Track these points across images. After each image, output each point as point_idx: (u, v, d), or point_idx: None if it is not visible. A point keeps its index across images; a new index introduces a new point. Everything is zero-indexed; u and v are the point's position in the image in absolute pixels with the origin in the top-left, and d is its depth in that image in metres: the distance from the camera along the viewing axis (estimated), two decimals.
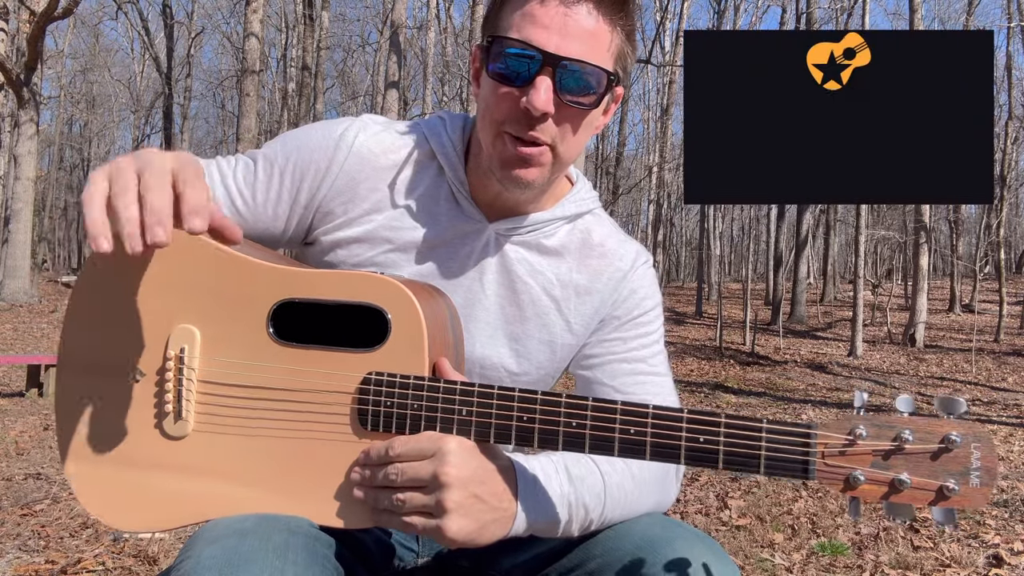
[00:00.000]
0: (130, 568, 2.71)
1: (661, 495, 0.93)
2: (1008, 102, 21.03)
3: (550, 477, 0.83)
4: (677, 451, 0.74)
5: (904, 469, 0.72)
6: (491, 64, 0.87)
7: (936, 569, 2.87)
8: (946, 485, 0.70)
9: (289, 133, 1.01)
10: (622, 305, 1.02)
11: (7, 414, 5.80)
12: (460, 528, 0.75)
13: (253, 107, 12.29)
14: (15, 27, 16.39)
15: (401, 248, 0.97)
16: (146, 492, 0.84)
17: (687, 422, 0.74)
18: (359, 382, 0.80)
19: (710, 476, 4.42)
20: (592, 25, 0.85)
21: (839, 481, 0.72)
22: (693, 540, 0.82)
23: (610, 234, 1.04)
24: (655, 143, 24.97)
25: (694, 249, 32.55)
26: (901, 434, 0.71)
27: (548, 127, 0.87)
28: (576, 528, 0.85)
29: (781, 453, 0.73)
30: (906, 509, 0.72)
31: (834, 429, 0.73)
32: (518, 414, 0.77)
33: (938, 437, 0.71)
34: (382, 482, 0.77)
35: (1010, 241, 34.15)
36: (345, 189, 0.96)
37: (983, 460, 0.71)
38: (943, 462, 0.71)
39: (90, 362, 0.87)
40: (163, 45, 26.03)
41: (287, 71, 25.72)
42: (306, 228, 1.00)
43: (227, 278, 0.84)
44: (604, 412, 0.76)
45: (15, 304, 15.00)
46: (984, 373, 10.14)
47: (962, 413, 0.72)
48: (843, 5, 17.60)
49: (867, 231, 14.53)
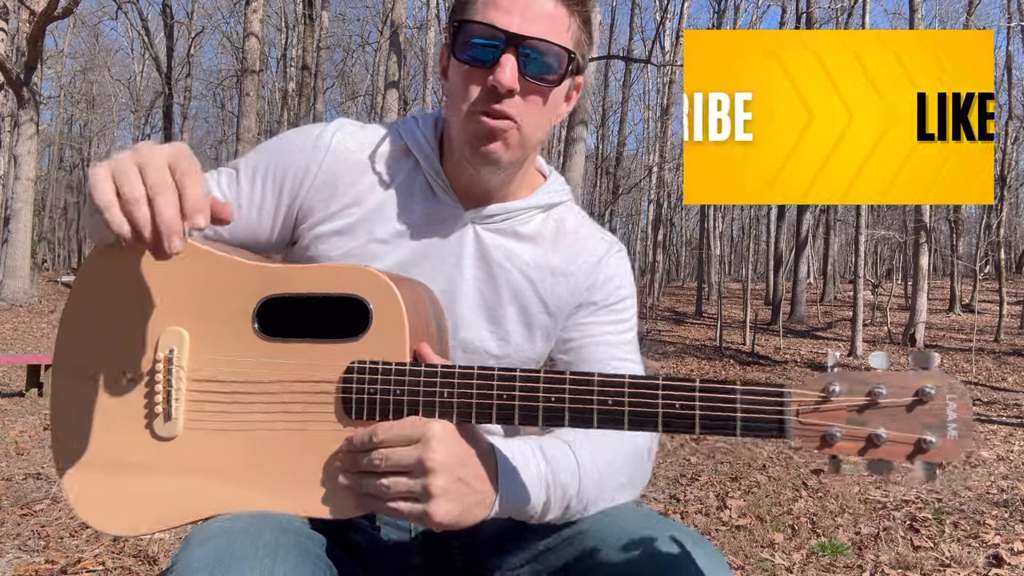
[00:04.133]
0: (130, 568, 2.71)
1: (634, 472, 0.95)
2: (1008, 102, 21.03)
3: (528, 459, 0.85)
4: (655, 418, 0.75)
5: (880, 424, 0.71)
6: (458, 50, 0.93)
7: (936, 569, 2.87)
8: (923, 438, 0.70)
9: (269, 140, 1.05)
10: (599, 291, 1.05)
11: (7, 414, 5.80)
12: (447, 512, 0.77)
13: (253, 107, 12.29)
14: (15, 27, 16.38)
15: (381, 239, 1.00)
16: (139, 495, 0.85)
17: (663, 388, 0.75)
18: (343, 371, 0.81)
19: (710, 476, 4.42)
20: (551, 8, 0.91)
21: (815, 439, 0.72)
22: (684, 537, 0.83)
23: (583, 223, 1.09)
24: (655, 143, 24.95)
25: (694, 249, 32.55)
26: (875, 389, 0.71)
27: (515, 102, 0.91)
28: (556, 508, 0.87)
29: (756, 414, 0.73)
30: (885, 465, 0.72)
31: (808, 387, 0.73)
32: (498, 392, 0.78)
33: (912, 390, 0.71)
34: (366, 468, 0.78)
35: (1010, 241, 34.14)
36: (324, 186, 1.00)
37: (959, 411, 0.70)
38: (919, 415, 0.71)
39: (83, 368, 0.88)
40: (163, 45, 26.02)
41: (287, 71, 25.73)
42: (291, 228, 1.03)
43: (214, 279, 0.86)
44: (582, 384, 0.77)
45: (15, 304, 15.00)
46: (984, 373, 10.14)
47: (936, 367, 0.71)
48: (843, 5, 17.60)
49: (867, 231, 14.53)
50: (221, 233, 1.01)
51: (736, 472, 4.56)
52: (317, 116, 18.39)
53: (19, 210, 15.37)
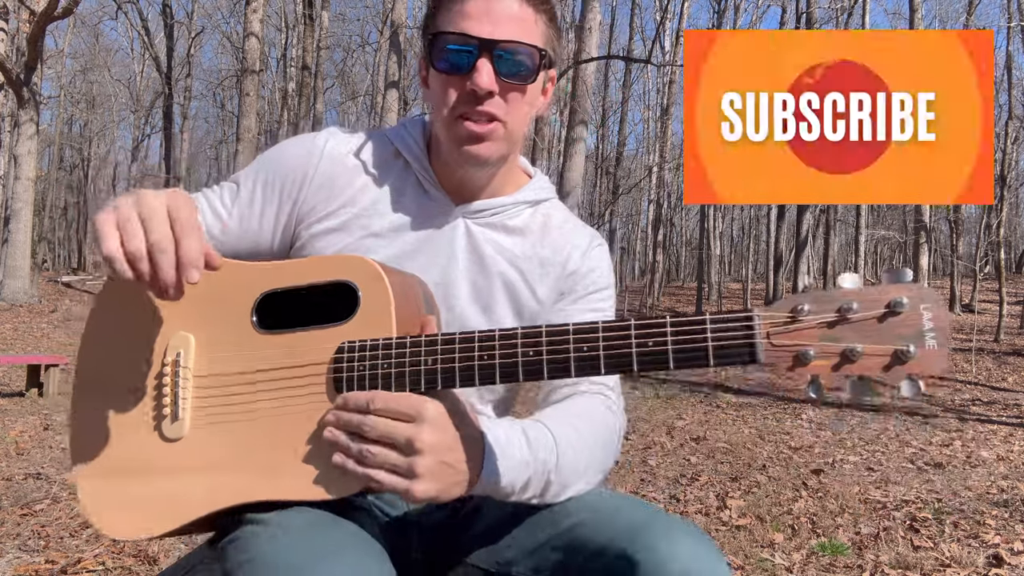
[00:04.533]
0: (130, 568, 2.71)
1: (605, 450, 0.99)
2: (1008, 102, 21.03)
3: (511, 442, 0.88)
4: (629, 359, 0.76)
5: (854, 339, 0.70)
6: (436, 61, 0.99)
7: (936, 569, 2.87)
8: (901, 349, 0.68)
9: (267, 152, 1.12)
10: (581, 280, 1.11)
11: (7, 414, 5.80)
12: (426, 491, 0.80)
13: (253, 107, 12.30)
14: (15, 27, 16.38)
15: (376, 233, 1.05)
16: (148, 498, 0.88)
17: (635, 328, 0.76)
18: (333, 352, 0.84)
19: (710, 476, 4.42)
20: (516, 10, 0.97)
21: (788, 359, 0.71)
22: (674, 524, 0.84)
23: (568, 219, 1.15)
24: (655, 143, 24.96)
25: (694, 249, 32.54)
26: (844, 305, 0.70)
27: (495, 102, 0.98)
28: (537, 486, 0.89)
29: (727, 341, 0.73)
30: (866, 386, 0.70)
31: (776, 309, 0.73)
32: (479, 354, 0.80)
33: (883, 303, 0.69)
34: (355, 429, 0.80)
35: (1010, 241, 34.13)
36: (321, 188, 1.05)
37: (935, 320, 0.68)
38: (893, 326, 0.69)
39: (101, 383, 0.93)
40: (163, 45, 26.03)
41: (287, 71, 25.73)
42: (291, 234, 1.07)
43: (216, 282, 0.90)
44: (558, 335, 0.79)
45: (15, 304, 15.00)
46: (984, 373, 10.15)
47: (908, 281, 0.70)
48: (843, 5, 17.61)
49: (867, 231, 14.54)
50: (226, 245, 1.06)
51: (736, 472, 4.56)
52: (317, 116, 18.39)
53: (19, 210, 15.38)
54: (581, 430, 0.96)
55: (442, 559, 1.04)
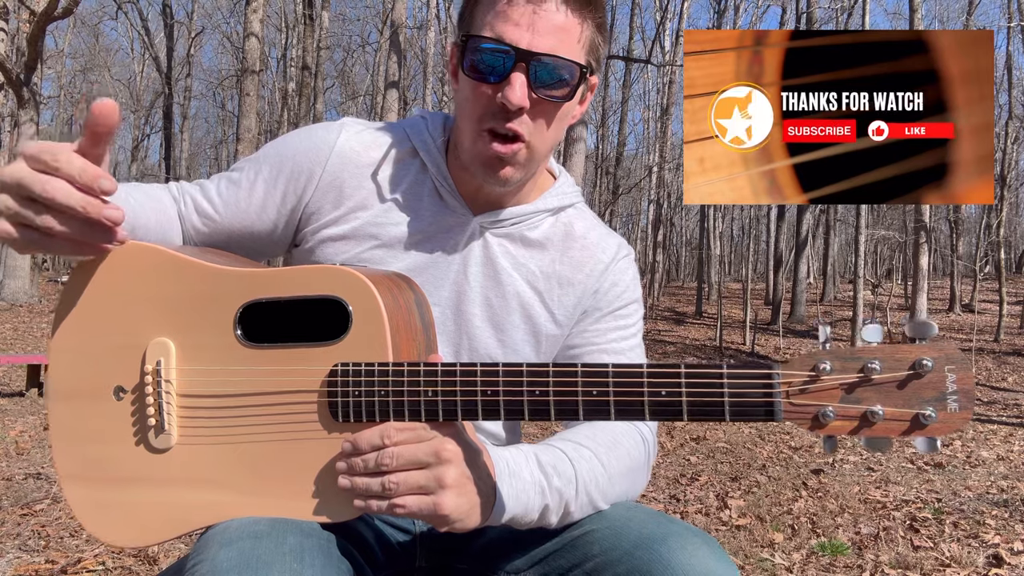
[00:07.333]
0: (130, 568, 2.71)
1: (631, 484, 0.94)
2: (1008, 102, 21.02)
3: (520, 465, 0.84)
4: (641, 407, 0.73)
5: (876, 401, 0.68)
6: (467, 63, 0.90)
7: (936, 569, 2.87)
8: (922, 413, 0.67)
9: (273, 141, 1.05)
10: (604, 297, 1.04)
11: (7, 414, 5.80)
12: (456, 505, 0.76)
13: (253, 107, 12.28)
14: (15, 27, 16.38)
15: (387, 244, 0.98)
16: (142, 508, 0.86)
17: (648, 376, 0.73)
18: (326, 375, 0.80)
19: (710, 476, 4.42)
20: (562, 20, 0.88)
21: (807, 420, 0.69)
22: (690, 537, 0.82)
23: (592, 227, 1.07)
24: (655, 143, 24.94)
25: (694, 249, 32.54)
26: (868, 364, 0.68)
27: (524, 120, 0.90)
28: (555, 516, 0.86)
29: (744, 397, 0.71)
30: (884, 442, 0.69)
31: (797, 367, 0.70)
32: (482, 388, 0.77)
33: (907, 363, 0.67)
34: (374, 469, 0.76)
35: (1010, 241, 34.13)
36: (330, 188, 0.99)
37: (959, 383, 0.66)
38: (916, 389, 0.67)
39: (75, 388, 0.89)
40: (163, 45, 26.03)
41: (287, 71, 25.70)
42: (294, 230, 1.02)
43: (192, 286, 0.86)
44: (566, 376, 0.75)
45: (15, 304, 15.00)
46: (984, 373, 10.14)
47: (934, 337, 0.68)
48: (843, 5, 17.60)
49: (867, 231, 14.53)
50: (215, 220, 1.01)
51: (736, 472, 4.56)
52: (317, 116, 18.38)
53: None
54: (607, 464, 0.90)
55: (448, 568, 1.02)
